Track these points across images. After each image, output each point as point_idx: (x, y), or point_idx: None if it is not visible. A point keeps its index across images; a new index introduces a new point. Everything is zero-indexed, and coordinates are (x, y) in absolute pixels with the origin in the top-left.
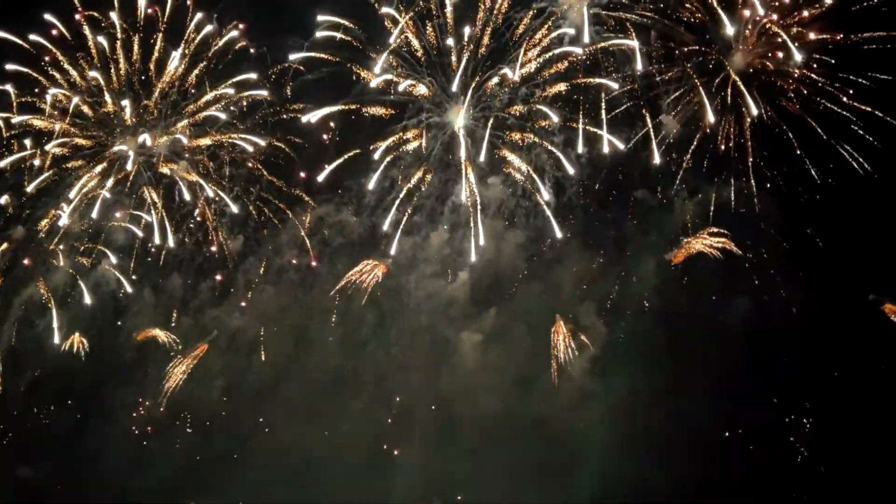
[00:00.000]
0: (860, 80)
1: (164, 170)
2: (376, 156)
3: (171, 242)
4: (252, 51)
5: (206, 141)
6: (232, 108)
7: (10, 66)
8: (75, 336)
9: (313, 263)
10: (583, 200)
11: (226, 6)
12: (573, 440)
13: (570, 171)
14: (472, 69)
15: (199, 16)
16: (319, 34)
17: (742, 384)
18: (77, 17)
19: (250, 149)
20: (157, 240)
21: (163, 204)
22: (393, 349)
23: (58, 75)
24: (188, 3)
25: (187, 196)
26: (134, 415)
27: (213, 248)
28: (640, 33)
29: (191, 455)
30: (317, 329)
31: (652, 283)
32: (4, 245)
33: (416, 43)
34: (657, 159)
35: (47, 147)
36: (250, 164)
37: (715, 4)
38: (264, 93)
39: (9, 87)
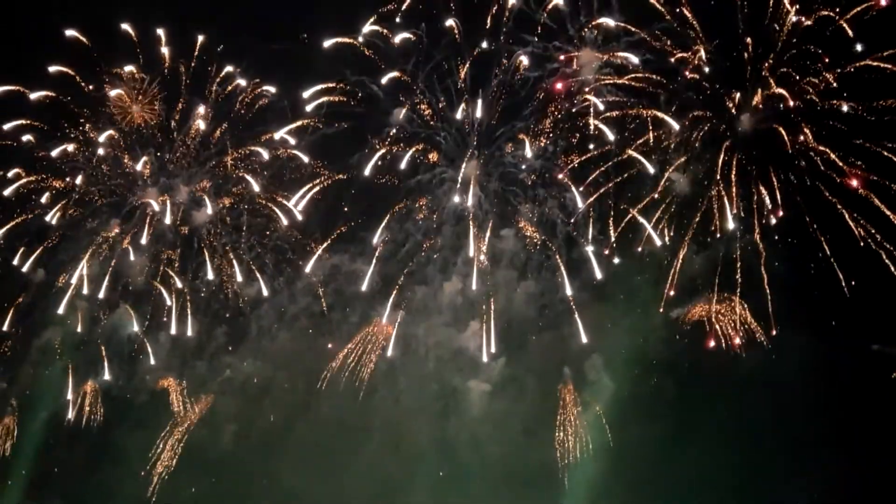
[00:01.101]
0: (872, 147)
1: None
2: (375, 239)
3: (189, 331)
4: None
5: (227, 201)
6: (254, 168)
7: (27, 121)
8: (89, 385)
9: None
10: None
11: (250, 61)
12: (580, 492)
13: (598, 275)
14: (487, 126)
15: (226, 69)
16: (310, 107)
17: (748, 443)
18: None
19: (285, 221)
20: (173, 329)
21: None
22: (401, 397)
23: (76, 130)
24: (210, 68)
25: (210, 271)
26: (142, 475)
27: (228, 295)
28: (649, 97)
29: (199, 500)
30: (327, 376)
31: (660, 337)
32: (22, 297)
33: (428, 98)
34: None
35: (54, 210)
36: (267, 233)
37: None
38: (305, 159)
39: (29, 137)
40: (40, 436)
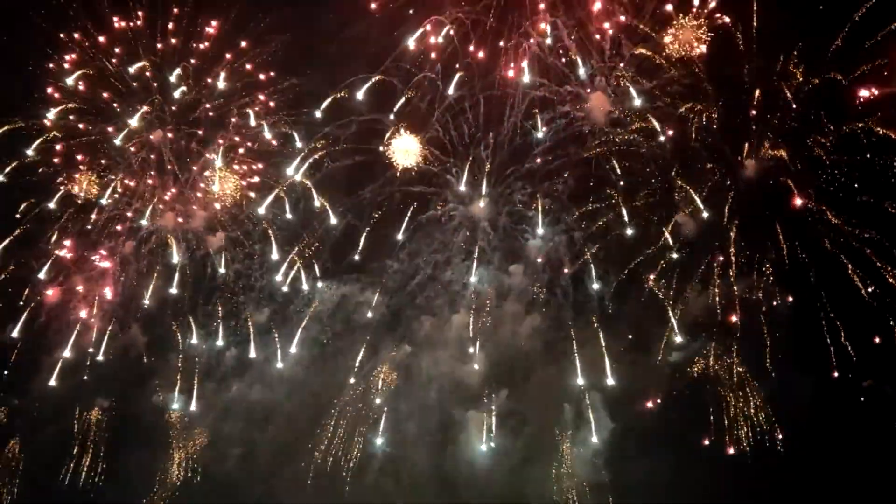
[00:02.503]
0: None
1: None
2: (369, 314)
3: (193, 406)
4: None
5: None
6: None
7: (36, 156)
8: (94, 412)
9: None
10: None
11: (269, 94)
12: None
13: (611, 380)
14: (498, 165)
15: (245, 103)
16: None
17: (747, 478)
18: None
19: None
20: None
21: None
22: (403, 426)
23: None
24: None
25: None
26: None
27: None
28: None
29: None
30: (330, 405)
31: (662, 372)
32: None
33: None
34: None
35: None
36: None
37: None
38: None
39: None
40: (49, 449)
